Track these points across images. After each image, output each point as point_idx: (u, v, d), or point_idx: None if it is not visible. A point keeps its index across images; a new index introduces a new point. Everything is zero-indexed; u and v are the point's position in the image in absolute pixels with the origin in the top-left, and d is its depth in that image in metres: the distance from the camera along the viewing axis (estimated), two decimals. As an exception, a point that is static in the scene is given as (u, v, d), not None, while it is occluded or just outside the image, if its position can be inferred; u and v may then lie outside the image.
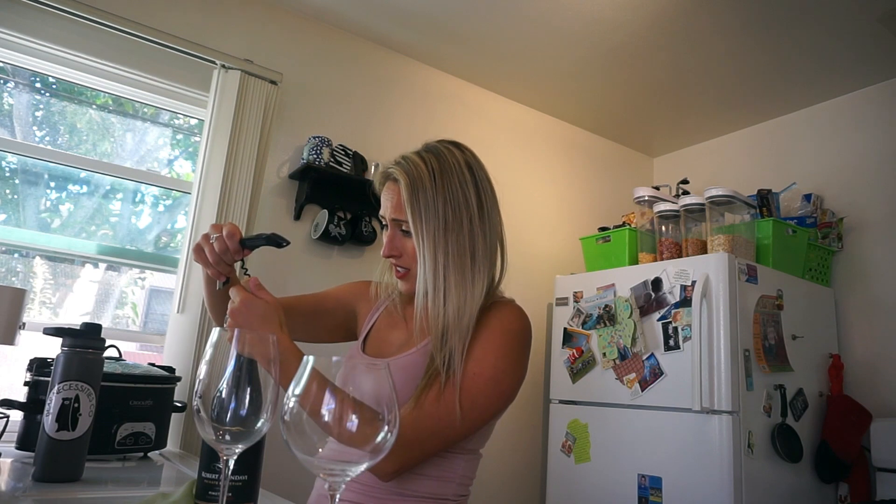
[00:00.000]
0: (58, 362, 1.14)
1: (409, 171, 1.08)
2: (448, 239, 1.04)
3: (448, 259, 1.04)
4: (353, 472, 0.63)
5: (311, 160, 2.35)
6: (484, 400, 0.99)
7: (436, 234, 1.04)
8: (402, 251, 1.10)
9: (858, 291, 2.66)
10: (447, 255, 1.04)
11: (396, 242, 1.10)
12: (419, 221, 1.04)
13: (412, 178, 1.06)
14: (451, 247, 1.04)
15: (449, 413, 0.96)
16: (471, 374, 0.99)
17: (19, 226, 2.10)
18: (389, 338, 1.18)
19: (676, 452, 2.15)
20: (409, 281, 1.11)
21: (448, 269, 1.04)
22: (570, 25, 2.50)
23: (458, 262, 1.04)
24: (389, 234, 1.10)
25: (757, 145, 3.17)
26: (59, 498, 1.00)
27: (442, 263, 1.04)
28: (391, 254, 1.10)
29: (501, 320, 1.05)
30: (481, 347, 1.02)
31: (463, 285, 1.04)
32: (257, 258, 2.28)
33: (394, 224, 1.10)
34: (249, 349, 0.66)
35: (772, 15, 2.33)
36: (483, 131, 3.01)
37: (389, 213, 1.09)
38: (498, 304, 1.09)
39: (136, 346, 2.32)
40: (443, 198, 1.06)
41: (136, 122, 2.40)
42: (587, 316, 2.58)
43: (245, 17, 2.44)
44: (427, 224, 1.04)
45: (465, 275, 1.05)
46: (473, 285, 1.05)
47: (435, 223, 1.04)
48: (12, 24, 1.99)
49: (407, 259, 1.10)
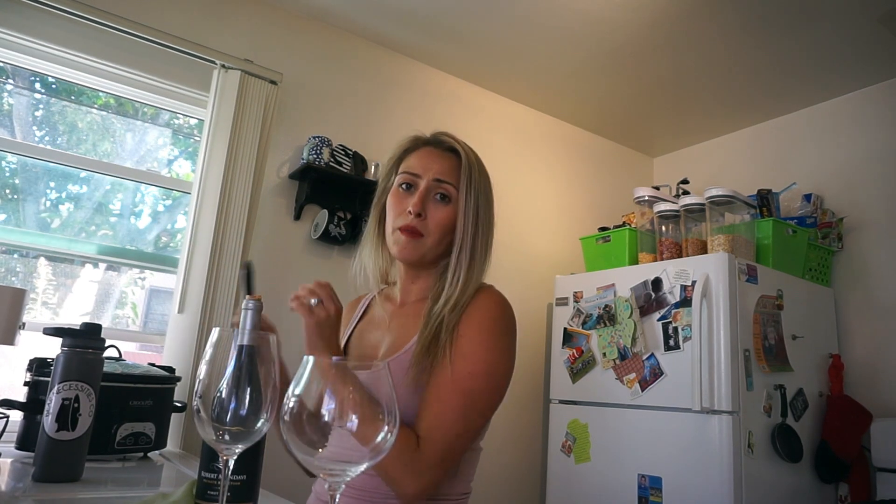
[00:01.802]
0: (58, 362, 1.14)
1: (465, 147, 1.12)
2: (483, 220, 1.08)
3: (478, 239, 1.07)
4: (354, 472, 0.63)
5: (311, 160, 2.35)
6: (484, 399, 0.99)
7: (477, 212, 1.07)
8: (428, 215, 1.07)
9: (858, 291, 2.66)
10: (483, 236, 1.08)
11: (428, 203, 1.07)
12: (471, 195, 1.07)
13: (468, 153, 1.10)
14: (485, 228, 1.09)
15: (455, 422, 0.96)
16: (466, 374, 0.97)
17: (19, 226, 2.10)
18: (370, 339, 1.15)
19: (676, 452, 2.15)
20: (416, 246, 1.07)
21: (475, 247, 1.07)
22: (570, 25, 2.50)
23: (483, 243, 1.08)
24: (422, 192, 1.06)
25: (757, 145, 3.17)
26: (59, 498, 1.00)
27: (479, 244, 1.07)
28: (420, 211, 1.06)
29: (481, 310, 1.03)
30: (469, 342, 0.99)
31: (482, 265, 1.08)
32: (257, 259, 2.28)
33: (433, 185, 1.07)
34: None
35: (772, 15, 2.33)
36: (483, 131, 3.01)
37: (434, 173, 1.07)
38: (481, 289, 1.08)
39: (136, 346, 2.32)
40: (486, 183, 1.11)
41: (135, 122, 2.40)
42: (587, 316, 2.58)
43: (245, 17, 2.44)
44: (474, 201, 1.07)
45: (487, 258, 1.09)
46: (483, 269, 1.08)
47: (478, 202, 1.07)
48: (12, 24, 1.99)
49: (430, 224, 1.06)
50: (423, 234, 1.06)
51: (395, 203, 1.09)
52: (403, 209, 1.07)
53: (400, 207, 1.08)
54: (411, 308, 1.12)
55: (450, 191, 1.07)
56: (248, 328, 0.73)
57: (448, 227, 1.07)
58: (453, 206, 1.07)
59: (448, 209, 1.07)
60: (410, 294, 1.15)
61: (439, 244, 1.07)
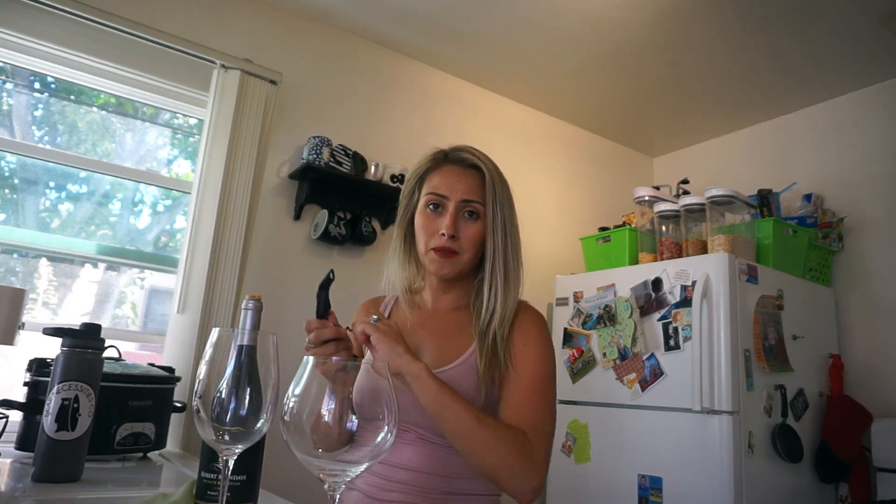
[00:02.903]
0: (57, 362, 1.14)
1: (486, 162, 1.15)
2: (514, 233, 1.14)
3: (508, 250, 1.12)
4: (354, 472, 0.63)
5: (310, 160, 2.35)
6: (554, 398, 1.10)
7: (504, 224, 1.12)
8: (460, 234, 1.12)
9: (858, 291, 2.66)
10: (514, 247, 1.13)
11: (458, 223, 1.12)
12: (497, 210, 1.12)
13: (490, 168, 1.14)
14: (514, 239, 1.14)
15: (545, 421, 1.05)
16: (540, 380, 1.07)
17: (19, 226, 2.10)
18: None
19: (677, 453, 2.15)
20: (452, 264, 1.12)
21: (513, 260, 1.13)
22: (570, 25, 2.50)
23: (514, 253, 1.14)
24: (452, 213, 1.11)
25: (757, 145, 3.17)
26: (59, 498, 1.00)
27: (510, 254, 1.12)
28: (454, 233, 1.10)
29: (536, 326, 1.13)
30: (534, 355, 1.09)
31: (517, 273, 1.13)
32: (257, 258, 2.28)
33: (461, 206, 1.12)
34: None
35: (772, 15, 2.33)
36: (483, 131, 3.01)
37: (463, 193, 1.12)
38: (521, 304, 1.16)
39: (136, 346, 2.32)
40: (508, 194, 1.16)
41: (135, 122, 2.39)
42: (587, 316, 2.58)
43: (245, 17, 2.43)
44: (501, 214, 1.12)
45: (519, 265, 1.14)
46: (519, 276, 1.14)
47: (504, 214, 1.13)
48: (12, 23, 1.99)
49: (462, 242, 1.11)
50: (457, 252, 1.12)
51: (425, 224, 1.14)
52: (436, 230, 1.12)
53: (432, 228, 1.13)
54: (447, 317, 1.18)
55: (477, 208, 1.12)
56: (247, 328, 0.73)
57: (480, 241, 1.13)
58: (482, 221, 1.13)
59: (478, 225, 1.12)
60: (442, 302, 1.20)
61: (473, 259, 1.14)
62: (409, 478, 1.03)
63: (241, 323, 0.75)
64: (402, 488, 1.03)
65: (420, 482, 1.03)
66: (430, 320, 1.18)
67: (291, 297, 2.33)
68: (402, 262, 1.21)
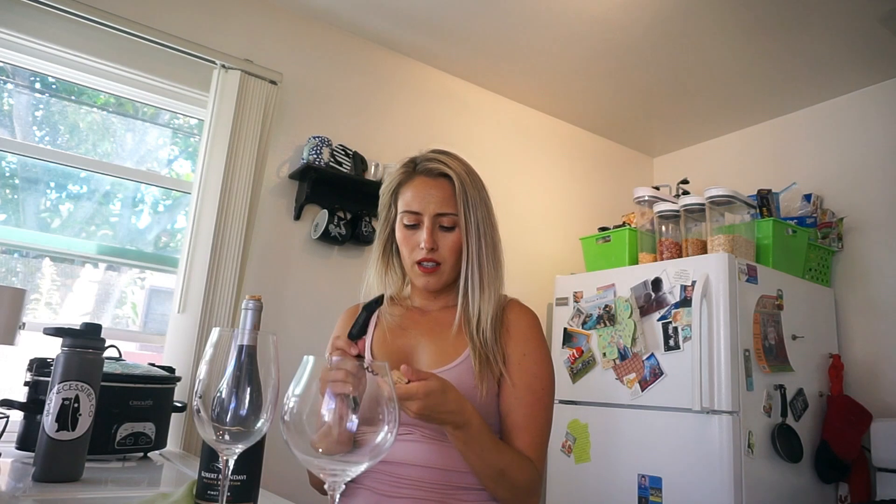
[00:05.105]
0: (58, 362, 1.14)
1: (455, 167, 1.15)
2: (489, 233, 1.15)
3: (482, 250, 1.13)
4: (353, 472, 0.63)
5: (311, 160, 2.35)
6: (552, 399, 1.13)
7: (478, 226, 1.13)
8: (439, 245, 1.14)
9: (858, 291, 2.66)
10: (488, 248, 1.14)
11: (436, 236, 1.14)
12: (470, 215, 1.13)
13: (460, 174, 1.15)
14: (488, 239, 1.15)
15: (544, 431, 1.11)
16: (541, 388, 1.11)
17: (19, 226, 2.10)
18: (399, 345, 1.18)
19: (676, 452, 2.15)
20: (437, 276, 1.15)
21: (488, 262, 1.14)
22: (571, 25, 2.50)
23: (494, 256, 1.15)
24: (429, 228, 1.13)
25: (757, 145, 3.17)
26: (59, 498, 1.00)
27: (486, 256, 1.13)
28: (433, 246, 1.13)
29: (531, 327, 1.15)
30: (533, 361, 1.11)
31: (498, 279, 1.15)
32: (257, 259, 2.28)
33: (436, 218, 1.14)
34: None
35: (772, 15, 2.33)
36: (483, 131, 3.01)
37: (435, 207, 1.13)
38: (510, 302, 1.18)
39: (136, 346, 2.32)
40: (481, 195, 1.16)
41: (135, 122, 2.40)
42: (587, 316, 2.58)
43: (245, 17, 2.44)
44: (474, 218, 1.13)
45: (500, 269, 1.16)
46: (497, 273, 1.15)
47: (478, 217, 1.14)
48: (12, 24, 1.99)
49: (442, 253, 1.14)
50: (440, 263, 1.14)
51: (405, 240, 1.16)
52: (416, 244, 1.14)
53: (412, 242, 1.15)
54: (438, 316, 1.20)
55: (452, 219, 1.14)
56: (248, 328, 0.73)
57: (459, 248, 1.15)
58: (458, 230, 1.14)
59: (454, 234, 1.14)
60: (431, 304, 1.22)
61: (455, 266, 1.16)
62: (419, 474, 1.04)
63: (241, 323, 0.75)
64: (412, 484, 1.04)
65: (429, 478, 1.04)
66: (423, 318, 1.20)
67: (291, 297, 2.33)
68: (379, 273, 1.24)
